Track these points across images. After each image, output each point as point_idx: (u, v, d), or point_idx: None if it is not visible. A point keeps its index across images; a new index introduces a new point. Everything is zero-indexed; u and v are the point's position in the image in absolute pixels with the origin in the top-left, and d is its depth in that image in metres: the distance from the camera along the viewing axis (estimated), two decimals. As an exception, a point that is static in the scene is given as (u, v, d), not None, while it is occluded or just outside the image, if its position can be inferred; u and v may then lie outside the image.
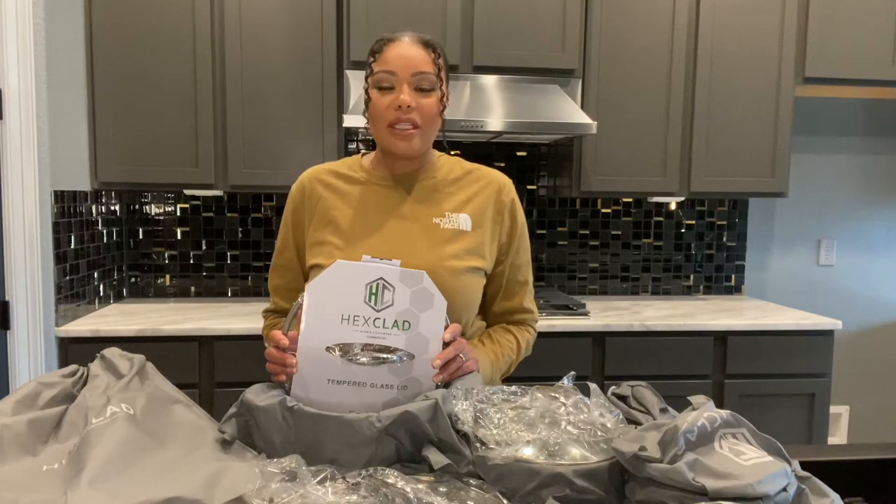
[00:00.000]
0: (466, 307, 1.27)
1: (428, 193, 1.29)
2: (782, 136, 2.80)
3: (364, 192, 1.29)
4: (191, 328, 2.32)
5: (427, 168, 1.31)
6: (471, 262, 1.25)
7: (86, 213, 2.51)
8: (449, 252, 1.24)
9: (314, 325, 1.02)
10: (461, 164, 1.34)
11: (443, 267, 1.21)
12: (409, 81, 1.20)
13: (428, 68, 1.20)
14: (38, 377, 0.97)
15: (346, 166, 1.33)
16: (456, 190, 1.30)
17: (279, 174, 2.57)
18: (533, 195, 3.07)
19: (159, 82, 2.51)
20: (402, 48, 1.20)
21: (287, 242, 1.34)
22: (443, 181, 1.30)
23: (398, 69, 1.19)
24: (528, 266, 1.38)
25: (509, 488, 0.84)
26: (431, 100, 1.21)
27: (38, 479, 0.82)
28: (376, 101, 1.21)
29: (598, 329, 2.50)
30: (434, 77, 1.21)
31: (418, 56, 1.20)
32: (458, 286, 1.22)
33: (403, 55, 1.20)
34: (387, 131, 1.22)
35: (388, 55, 1.20)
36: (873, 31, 2.80)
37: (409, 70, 1.19)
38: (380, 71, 1.20)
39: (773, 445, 0.84)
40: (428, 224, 1.26)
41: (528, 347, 1.40)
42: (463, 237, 1.26)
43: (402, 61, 1.19)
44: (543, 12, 2.61)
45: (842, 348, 3.33)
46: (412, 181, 1.29)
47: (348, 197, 1.29)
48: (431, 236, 1.25)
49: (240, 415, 0.97)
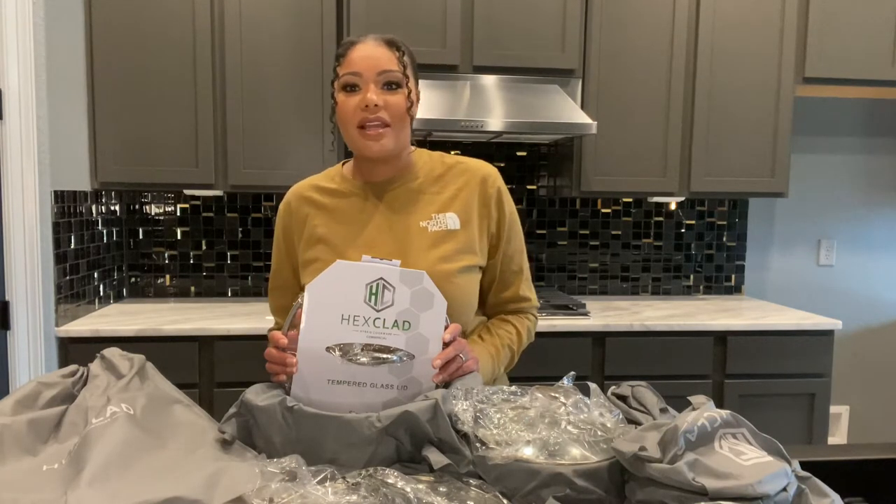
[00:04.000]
0: (465, 307, 1.26)
1: (411, 197, 1.27)
2: (782, 136, 2.80)
3: (348, 204, 1.28)
4: (191, 328, 2.33)
5: (406, 171, 1.30)
6: (463, 262, 1.24)
7: (86, 213, 2.51)
8: (439, 255, 1.23)
9: (314, 325, 1.02)
10: (443, 160, 1.32)
11: (435, 271, 1.19)
12: (374, 81, 1.19)
13: (392, 66, 1.20)
14: (38, 377, 0.97)
15: (328, 178, 1.32)
16: (440, 189, 1.29)
17: (279, 174, 2.57)
18: (533, 195, 3.07)
19: (159, 82, 2.51)
20: (365, 49, 1.20)
21: (282, 263, 1.34)
22: (425, 181, 1.29)
23: (363, 69, 1.19)
24: (521, 254, 1.36)
25: (509, 488, 0.84)
26: (398, 97, 1.21)
27: (38, 479, 0.82)
28: (343, 104, 1.21)
29: (598, 329, 2.50)
30: (400, 74, 1.21)
31: (382, 55, 1.20)
32: (453, 288, 1.21)
33: (367, 55, 1.19)
34: (357, 133, 1.21)
35: (353, 57, 1.20)
36: (873, 31, 2.80)
37: (373, 69, 1.19)
38: (345, 73, 1.20)
39: (773, 445, 0.84)
40: (415, 229, 1.25)
41: (529, 334, 1.39)
42: (452, 237, 1.25)
43: (367, 62, 1.19)
44: (543, 12, 2.61)
45: (842, 348, 3.33)
46: (394, 186, 1.28)
47: (334, 212, 1.28)
48: (420, 241, 1.24)
49: (240, 415, 0.97)
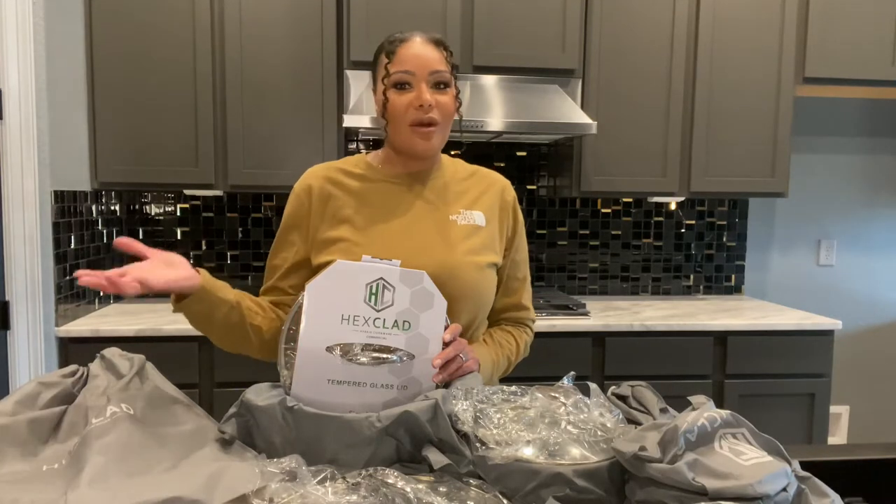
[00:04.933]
0: (487, 302, 1.28)
1: (441, 191, 1.29)
2: (782, 136, 2.79)
3: (378, 189, 1.27)
4: (191, 328, 2.29)
5: (437, 167, 1.32)
6: (488, 258, 1.26)
7: (86, 213, 2.51)
8: (468, 248, 1.24)
9: (314, 325, 1.02)
10: (464, 166, 1.35)
11: (467, 262, 1.21)
12: (426, 80, 1.20)
13: (442, 66, 1.21)
14: (38, 377, 0.97)
15: (353, 164, 1.31)
16: (465, 189, 1.31)
17: (279, 174, 2.57)
18: (533, 195, 3.07)
19: (159, 82, 2.51)
20: (416, 48, 1.20)
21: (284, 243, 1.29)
22: (452, 179, 1.31)
23: (415, 68, 1.20)
24: (525, 264, 1.39)
25: (509, 488, 0.84)
26: (448, 97, 1.22)
27: (38, 479, 0.82)
28: (395, 102, 1.21)
29: (598, 329, 2.50)
30: (448, 75, 1.22)
31: (433, 55, 1.21)
32: (482, 280, 1.24)
33: (419, 54, 1.20)
34: (409, 131, 1.21)
35: (404, 55, 1.20)
36: (873, 31, 2.80)
37: (426, 69, 1.20)
38: (397, 71, 1.20)
39: (773, 445, 0.84)
40: (445, 221, 1.26)
41: (525, 349, 1.41)
42: (479, 233, 1.27)
43: (419, 60, 1.20)
44: (543, 12, 2.61)
45: (842, 348, 3.33)
46: (425, 179, 1.29)
47: (361, 195, 1.26)
48: (450, 233, 1.25)
49: (240, 415, 0.97)
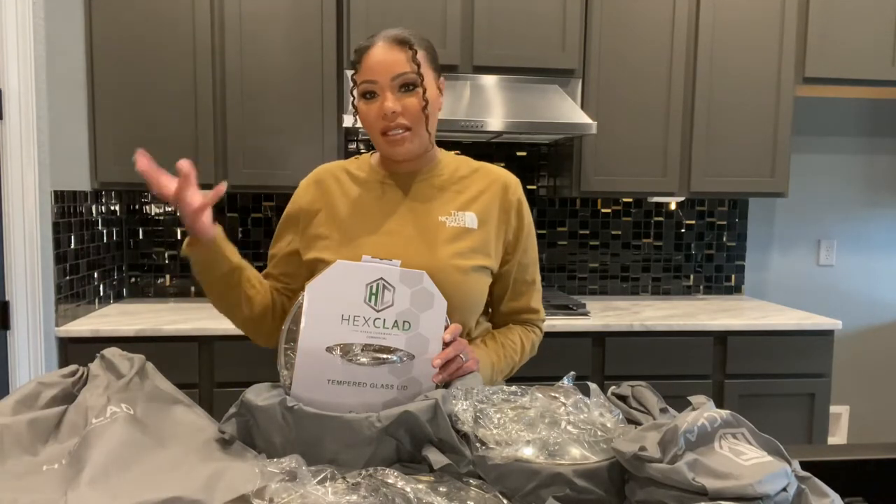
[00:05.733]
0: (473, 306, 1.27)
1: (433, 192, 1.29)
2: (782, 136, 2.79)
3: (368, 189, 1.29)
4: (191, 328, 2.33)
5: (432, 166, 1.31)
6: (476, 261, 1.25)
7: (86, 213, 2.51)
8: (454, 250, 1.23)
9: (314, 326, 1.02)
10: (468, 163, 1.34)
11: (449, 265, 1.21)
12: (389, 86, 1.20)
13: (405, 68, 1.20)
14: (38, 377, 0.97)
15: (356, 165, 1.33)
16: (462, 188, 1.30)
17: (279, 174, 2.57)
18: (533, 195, 3.07)
19: (159, 82, 2.51)
20: (377, 54, 1.20)
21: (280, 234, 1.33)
22: (449, 179, 1.30)
23: (378, 76, 1.20)
24: (535, 265, 1.38)
25: (509, 488, 0.84)
26: (415, 98, 1.21)
27: (38, 479, 0.82)
28: (364, 112, 1.23)
29: (598, 329, 2.50)
30: (413, 75, 1.20)
31: (394, 58, 1.20)
32: (465, 284, 1.22)
33: (380, 60, 1.20)
34: (381, 139, 1.23)
35: (367, 64, 1.21)
36: (873, 31, 2.80)
37: (387, 74, 1.19)
38: (362, 81, 1.22)
39: (773, 445, 0.84)
40: (433, 222, 1.25)
41: (532, 348, 1.41)
42: (468, 235, 1.26)
43: (381, 67, 1.19)
44: (543, 12, 2.61)
45: (842, 348, 3.33)
46: (417, 179, 1.29)
47: (353, 194, 1.29)
48: (437, 234, 1.24)
49: (240, 415, 0.97)
